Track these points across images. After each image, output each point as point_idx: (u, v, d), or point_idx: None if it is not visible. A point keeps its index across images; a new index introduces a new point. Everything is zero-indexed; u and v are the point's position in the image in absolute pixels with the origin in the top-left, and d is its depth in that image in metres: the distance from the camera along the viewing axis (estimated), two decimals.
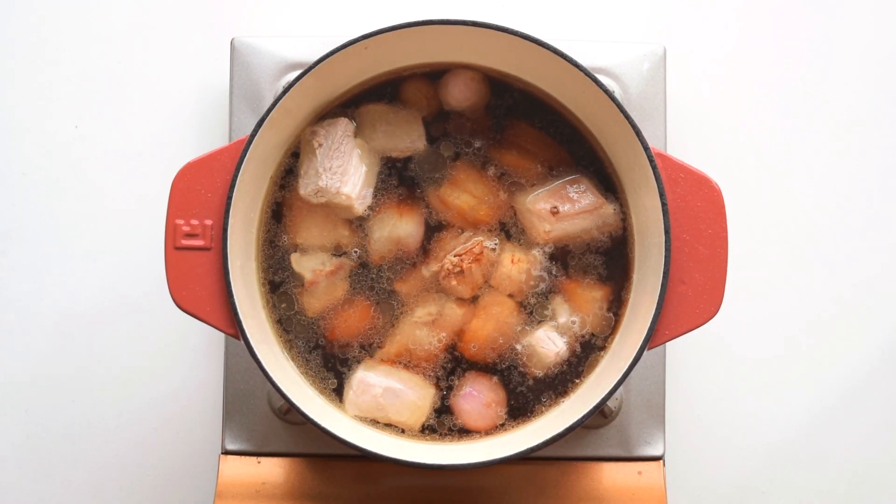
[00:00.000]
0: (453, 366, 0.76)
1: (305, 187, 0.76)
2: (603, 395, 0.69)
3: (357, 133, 0.78)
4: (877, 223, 0.93)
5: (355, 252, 0.77)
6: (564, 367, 0.76)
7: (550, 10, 0.94)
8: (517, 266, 0.76)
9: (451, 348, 0.76)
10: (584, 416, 0.69)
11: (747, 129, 0.93)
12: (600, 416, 0.84)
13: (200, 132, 0.93)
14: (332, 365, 0.77)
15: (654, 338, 0.70)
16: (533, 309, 0.77)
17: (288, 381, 0.73)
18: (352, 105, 0.78)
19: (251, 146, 0.71)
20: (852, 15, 0.94)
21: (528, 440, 0.71)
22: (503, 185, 0.78)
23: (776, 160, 0.93)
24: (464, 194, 0.77)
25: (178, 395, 0.91)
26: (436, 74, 0.78)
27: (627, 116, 0.70)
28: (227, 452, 0.84)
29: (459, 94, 0.78)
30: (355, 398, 0.75)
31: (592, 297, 0.76)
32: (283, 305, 0.77)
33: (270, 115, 0.71)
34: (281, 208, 0.77)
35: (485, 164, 0.78)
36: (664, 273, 0.70)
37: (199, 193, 0.71)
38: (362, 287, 0.77)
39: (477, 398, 0.76)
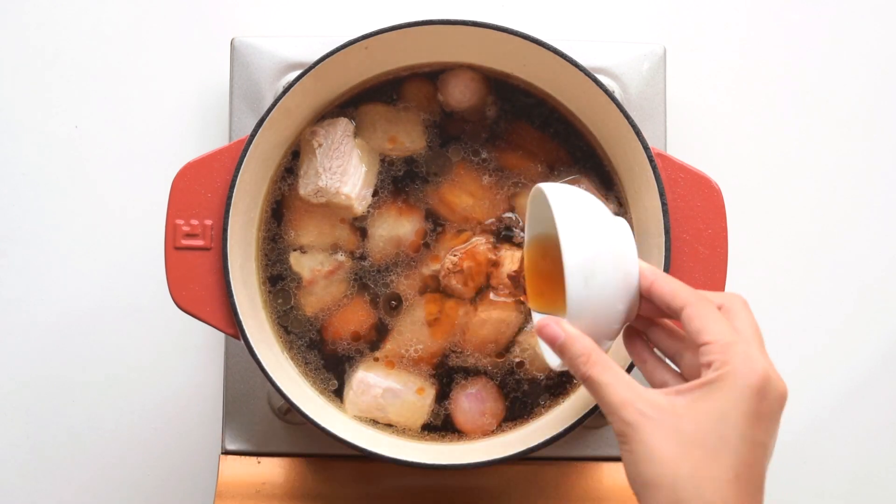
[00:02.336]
0: (453, 366, 0.76)
1: (305, 187, 0.76)
2: None
3: (357, 133, 0.78)
4: (878, 223, 0.93)
5: (355, 252, 0.77)
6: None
7: (550, 10, 0.94)
8: (517, 266, 0.76)
9: (451, 348, 0.76)
10: (583, 417, 0.69)
11: (747, 128, 0.93)
12: (600, 416, 0.84)
13: (200, 132, 0.93)
14: (331, 365, 0.77)
15: None
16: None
17: (288, 381, 0.73)
18: (352, 105, 0.78)
19: (251, 146, 0.71)
20: (854, 15, 0.94)
21: (527, 440, 0.71)
22: (504, 185, 0.78)
23: (776, 160, 0.93)
24: (464, 194, 0.77)
25: (179, 395, 0.91)
26: (436, 74, 0.78)
27: (627, 116, 0.70)
28: (227, 452, 0.84)
29: (459, 94, 0.78)
30: (355, 398, 0.75)
31: None
32: (283, 305, 0.77)
33: (270, 115, 0.71)
34: (281, 208, 0.77)
35: (485, 163, 0.78)
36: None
37: (199, 193, 0.71)
38: (362, 287, 0.77)
39: (479, 402, 0.76)
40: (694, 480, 0.51)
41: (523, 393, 0.76)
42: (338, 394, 0.76)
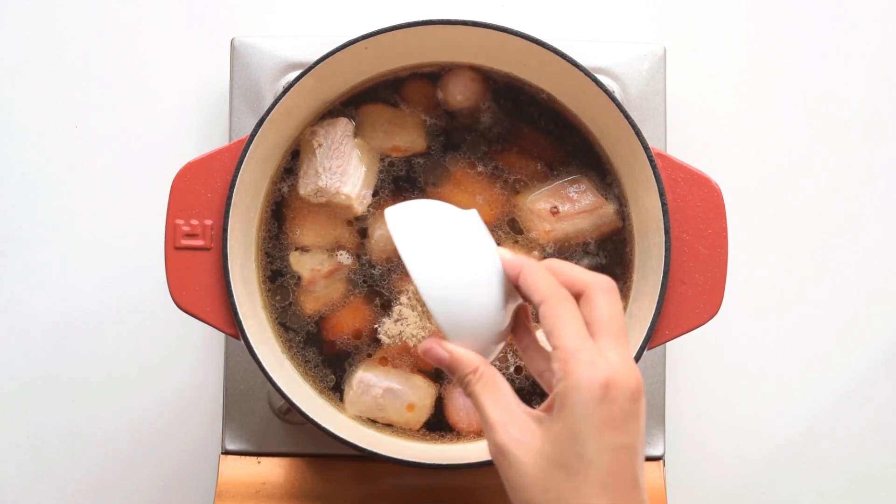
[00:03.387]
0: None
1: (305, 187, 0.76)
2: None
3: (357, 133, 0.78)
4: (878, 224, 0.93)
5: (355, 252, 0.77)
6: None
7: (550, 10, 0.94)
8: None
9: None
10: None
11: (747, 128, 0.93)
12: None
13: (200, 132, 0.93)
14: (331, 365, 0.77)
15: (653, 338, 0.70)
16: (532, 309, 0.76)
17: (288, 381, 0.73)
18: (352, 105, 0.78)
19: (251, 146, 0.71)
20: (855, 14, 0.94)
21: None
22: (503, 185, 0.78)
23: (776, 160, 0.93)
24: (464, 194, 0.77)
25: (178, 395, 0.91)
26: (436, 74, 0.78)
27: (627, 116, 0.70)
28: (227, 452, 0.84)
29: (459, 94, 0.78)
30: (355, 398, 0.75)
31: None
32: (283, 305, 0.77)
33: (270, 115, 0.71)
34: (281, 208, 0.77)
35: (485, 163, 0.78)
36: (664, 273, 0.70)
37: (199, 193, 0.71)
38: (362, 286, 0.77)
39: None
40: (560, 503, 0.51)
41: (522, 394, 0.76)
42: (338, 394, 0.76)
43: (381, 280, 0.77)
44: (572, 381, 0.51)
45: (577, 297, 0.55)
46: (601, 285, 0.55)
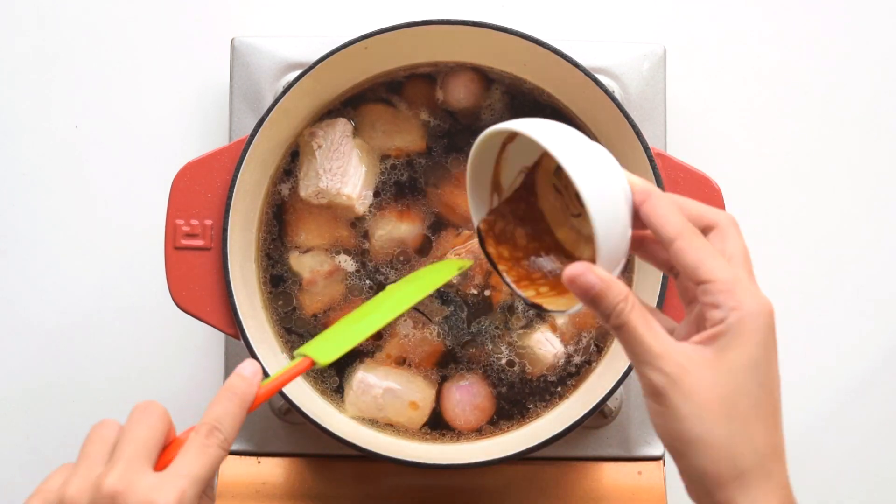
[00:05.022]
0: (453, 366, 0.76)
1: (306, 189, 0.76)
2: (602, 396, 0.69)
3: (357, 133, 0.78)
4: (878, 223, 0.93)
5: (355, 252, 0.77)
6: (563, 367, 0.76)
7: (550, 10, 0.94)
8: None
9: (451, 348, 0.76)
10: (583, 417, 0.69)
11: (747, 128, 0.93)
12: (600, 416, 0.84)
13: (200, 132, 0.93)
14: (331, 365, 0.77)
15: None
16: (532, 309, 0.76)
17: None
18: (352, 105, 0.78)
19: (251, 146, 0.71)
20: (853, 14, 0.94)
21: (527, 440, 0.71)
22: None
23: (776, 160, 0.93)
24: (464, 194, 0.77)
25: (179, 395, 0.91)
26: (436, 75, 0.78)
27: (627, 116, 0.70)
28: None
29: (459, 94, 0.78)
30: (355, 398, 0.75)
31: None
32: (283, 305, 0.77)
33: (270, 115, 0.71)
34: (281, 208, 0.77)
35: None
36: (664, 273, 0.70)
37: (199, 193, 0.72)
38: (362, 287, 0.77)
39: (471, 396, 0.76)
40: (746, 434, 0.52)
41: (522, 393, 0.76)
42: (338, 393, 0.76)
43: (381, 280, 0.77)
44: (745, 312, 0.51)
45: (704, 231, 0.54)
46: (732, 220, 0.55)
